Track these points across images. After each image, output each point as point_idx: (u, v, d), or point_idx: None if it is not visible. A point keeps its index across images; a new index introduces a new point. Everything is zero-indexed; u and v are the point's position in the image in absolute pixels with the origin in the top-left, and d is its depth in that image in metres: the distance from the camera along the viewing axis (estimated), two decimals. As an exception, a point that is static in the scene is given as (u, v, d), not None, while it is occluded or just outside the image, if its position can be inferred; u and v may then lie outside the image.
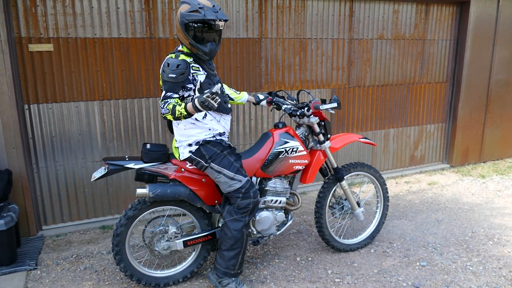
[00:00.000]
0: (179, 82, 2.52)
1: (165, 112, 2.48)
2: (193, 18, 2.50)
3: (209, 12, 2.50)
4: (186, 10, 2.52)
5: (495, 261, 3.32)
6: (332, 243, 3.37)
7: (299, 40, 4.61)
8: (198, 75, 2.62)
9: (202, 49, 2.57)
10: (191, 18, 2.50)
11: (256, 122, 4.58)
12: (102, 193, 4.02)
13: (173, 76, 2.49)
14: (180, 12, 2.55)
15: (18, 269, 3.16)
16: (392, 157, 5.55)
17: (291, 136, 3.02)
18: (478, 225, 3.97)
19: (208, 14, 2.49)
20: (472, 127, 5.83)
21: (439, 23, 5.41)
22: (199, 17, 2.49)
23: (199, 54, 2.60)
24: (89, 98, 3.81)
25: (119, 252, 2.76)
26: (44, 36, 3.56)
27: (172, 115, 2.46)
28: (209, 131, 2.71)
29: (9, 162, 3.49)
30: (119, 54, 3.84)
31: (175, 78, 2.49)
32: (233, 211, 2.72)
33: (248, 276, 3.10)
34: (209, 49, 2.59)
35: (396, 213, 4.26)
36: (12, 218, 3.17)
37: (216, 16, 2.51)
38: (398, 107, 5.42)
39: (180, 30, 2.57)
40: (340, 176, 3.25)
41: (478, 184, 5.18)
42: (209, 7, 2.52)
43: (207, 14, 2.49)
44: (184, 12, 2.52)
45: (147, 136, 4.08)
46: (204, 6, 2.51)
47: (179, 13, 2.56)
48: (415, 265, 3.27)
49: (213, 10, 2.52)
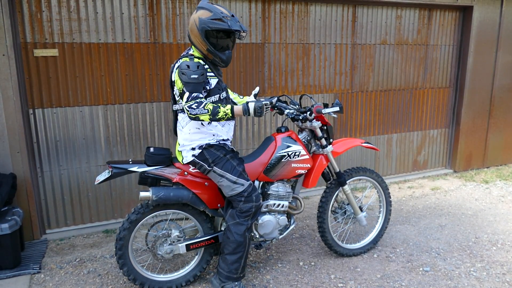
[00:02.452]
0: (201, 82, 2.52)
1: (201, 112, 2.45)
2: (218, 26, 2.51)
3: (233, 23, 2.53)
4: (208, 17, 2.52)
5: (498, 266, 3.31)
6: (335, 248, 3.37)
7: (302, 45, 4.63)
8: (212, 79, 2.64)
9: (220, 56, 2.60)
10: (215, 26, 2.51)
11: (259, 127, 4.60)
12: (105, 197, 4.03)
13: (196, 77, 2.49)
14: (200, 18, 2.54)
15: (22, 273, 3.17)
16: (395, 162, 5.55)
17: (293, 141, 3.03)
18: (482, 231, 3.96)
19: (233, 24, 2.52)
20: (475, 133, 5.82)
21: (442, 29, 5.43)
22: (224, 27, 2.51)
23: (216, 61, 2.63)
24: (93, 102, 3.84)
25: (122, 256, 2.77)
26: (49, 41, 3.59)
27: (212, 116, 2.46)
28: (213, 136, 2.72)
29: (14, 166, 3.51)
30: (123, 59, 3.87)
31: (197, 79, 2.49)
32: (236, 214, 2.72)
33: (251, 281, 3.09)
34: (227, 56, 2.63)
35: (399, 218, 4.25)
36: (16, 221, 3.19)
37: (240, 27, 2.56)
38: (401, 112, 5.42)
39: (197, 36, 2.57)
40: (342, 180, 3.25)
41: (482, 189, 5.17)
42: (230, 17, 2.55)
43: (233, 24, 2.52)
44: (206, 19, 2.52)
45: (150, 140, 4.10)
46: (225, 15, 2.54)
47: (197, 19, 2.55)
48: (418, 270, 3.26)
49: (235, 20, 2.55)
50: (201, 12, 2.56)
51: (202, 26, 2.53)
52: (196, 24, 2.55)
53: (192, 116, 2.48)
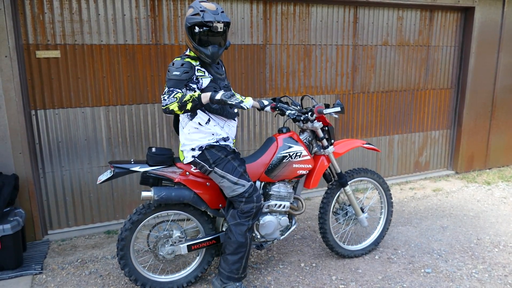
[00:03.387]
0: (182, 80, 2.55)
1: (170, 102, 2.46)
2: (194, 21, 2.56)
3: (208, 15, 2.54)
4: (189, 14, 2.59)
5: (500, 268, 3.30)
6: (336, 249, 3.37)
7: (304, 46, 4.64)
8: (203, 79, 2.65)
9: (204, 51, 2.61)
10: (192, 21, 2.56)
11: (261, 128, 4.60)
12: (107, 198, 4.04)
13: (177, 74, 2.53)
14: (186, 16, 2.62)
15: (24, 273, 3.18)
16: (396, 163, 5.54)
17: (295, 141, 3.03)
18: (484, 232, 3.95)
19: (207, 16, 2.53)
20: (477, 134, 5.81)
21: (444, 30, 5.42)
22: (197, 20, 2.54)
23: (202, 57, 2.64)
24: (95, 103, 3.85)
25: (124, 256, 2.78)
26: (52, 43, 3.61)
27: (180, 102, 2.45)
28: (212, 136, 2.73)
29: (16, 167, 3.52)
30: (125, 60, 3.88)
31: (179, 76, 2.53)
32: (237, 215, 2.73)
33: (252, 282, 3.09)
34: (211, 52, 2.61)
35: (401, 220, 4.25)
36: (19, 222, 3.20)
37: (214, 18, 2.54)
38: (402, 113, 5.42)
39: (185, 34, 2.64)
40: (343, 181, 3.25)
41: (484, 190, 5.16)
42: (211, 10, 2.56)
43: (206, 16, 2.53)
44: (188, 16, 2.60)
45: (152, 141, 4.11)
46: (205, 9, 2.56)
47: (184, 21, 2.63)
48: (420, 272, 3.25)
49: (213, 12, 2.55)
50: (188, 10, 2.63)
51: (186, 24, 2.60)
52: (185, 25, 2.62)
53: (163, 108, 2.48)
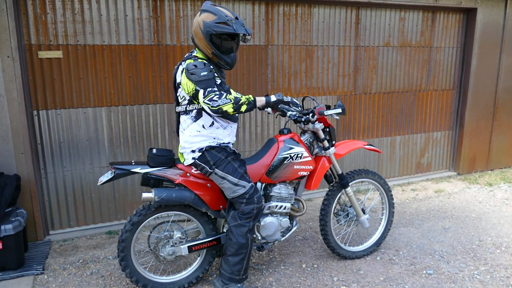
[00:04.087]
0: (211, 79, 2.50)
1: (224, 103, 2.42)
2: (223, 30, 2.51)
3: (238, 26, 2.52)
4: (212, 21, 2.52)
5: (502, 270, 3.29)
6: (338, 250, 3.36)
7: (305, 47, 4.64)
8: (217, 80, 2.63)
9: (225, 59, 2.61)
10: (220, 30, 2.51)
11: (262, 129, 4.60)
12: (108, 199, 4.05)
13: (206, 74, 2.48)
14: (204, 21, 2.53)
15: (25, 274, 3.18)
16: (398, 164, 5.53)
17: (296, 142, 3.03)
18: (486, 234, 3.94)
19: (239, 28, 2.52)
20: (479, 135, 5.80)
21: (446, 31, 5.41)
22: (229, 30, 2.51)
23: (221, 63, 2.63)
24: (97, 104, 3.85)
25: (125, 257, 2.78)
26: (54, 43, 3.62)
27: (235, 104, 2.44)
28: (213, 139, 2.72)
29: (18, 168, 3.53)
30: (127, 61, 3.88)
31: (207, 75, 2.48)
32: (237, 216, 2.73)
33: (254, 283, 3.09)
34: (232, 59, 2.64)
35: (403, 221, 4.24)
36: (20, 222, 3.21)
37: (246, 30, 2.55)
38: (404, 114, 5.41)
39: (202, 39, 2.56)
40: (345, 182, 3.24)
41: (486, 192, 5.14)
42: (235, 20, 2.54)
43: (238, 28, 2.52)
44: (211, 23, 2.52)
45: (153, 142, 4.12)
46: (230, 18, 2.53)
47: (201, 22, 2.54)
48: (422, 273, 3.24)
49: (240, 23, 2.55)
50: (205, 15, 2.55)
51: (207, 30, 2.52)
52: (201, 28, 2.55)
53: (214, 109, 2.43)
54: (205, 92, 2.45)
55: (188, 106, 2.66)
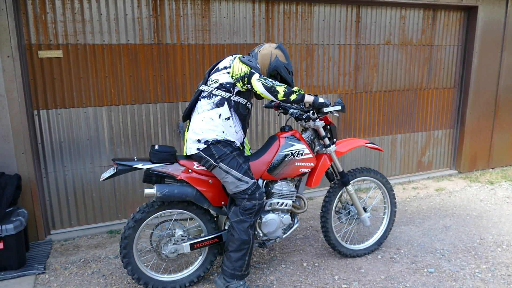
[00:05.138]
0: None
1: (278, 85, 2.64)
2: (284, 76, 2.87)
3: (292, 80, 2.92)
4: (283, 63, 2.86)
5: (504, 268, 3.28)
6: (339, 249, 3.36)
7: (306, 46, 4.63)
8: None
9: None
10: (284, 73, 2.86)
11: (263, 127, 4.60)
12: (109, 198, 4.05)
13: (254, 64, 2.73)
14: (277, 58, 2.85)
15: (26, 273, 3.18)
16: (399, 163, 5.53)
17: (297, 139, 3.03)
18: (487, 232, 3.93)
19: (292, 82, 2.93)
20: (480, 133, 5.79)
21: (447, 29, 5.41)
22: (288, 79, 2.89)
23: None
24: (98, 103, 3.85)
25: (127, 255, 2.78)
26: (54, 43, 3.61)
27: (286, 90, 2.66)
28: (222, 133, 2.72)
29: (19, 167, 3.53)
30: (127, 60, 3.88)
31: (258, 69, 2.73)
32: (239, 212, 2.73)
33: (255, 281, 3.09)
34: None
35: (404, 219, 4.24)
36: (21, 222, 3.21)
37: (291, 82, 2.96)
38: (405, 112, 5.40)
39: (265, 67, 2.86)
40: (346, 180, 3.24)
41: (487, 190, 5.14)
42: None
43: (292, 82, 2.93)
44: (281, 64, 2.85)
45: (154, 141, 4.12)
46: (292, 70, 2.94)
47: (274, 56, 2.85)
48: (423, 271, 3.24)
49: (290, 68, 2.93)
50: (280, 53, 2.88)
51: (276, 65, 2.84)
52: (271, 59, 2.85)
53: (267, 86, 2.62)
54: (260, 76, 2.67)
55: (216, 90, 2.73)
